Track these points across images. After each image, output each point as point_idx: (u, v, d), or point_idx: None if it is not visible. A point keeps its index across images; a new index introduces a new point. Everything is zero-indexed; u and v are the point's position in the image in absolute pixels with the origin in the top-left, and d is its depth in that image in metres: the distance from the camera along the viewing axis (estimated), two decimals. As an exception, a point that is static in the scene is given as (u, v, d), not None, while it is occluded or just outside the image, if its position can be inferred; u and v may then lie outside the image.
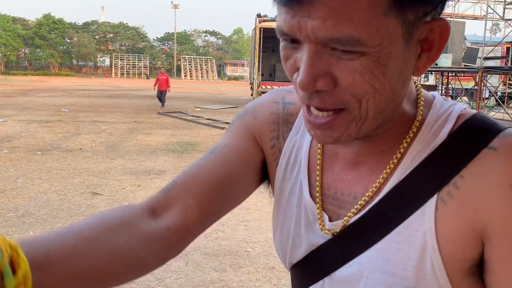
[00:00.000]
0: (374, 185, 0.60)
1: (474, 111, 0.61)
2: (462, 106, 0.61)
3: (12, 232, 4.24)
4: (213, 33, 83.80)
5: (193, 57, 69.90)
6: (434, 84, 16.98)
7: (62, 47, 65.52)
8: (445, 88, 15.97)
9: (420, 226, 0.56)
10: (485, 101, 18.52)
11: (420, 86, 0.64)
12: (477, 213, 0.53)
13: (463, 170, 0.54)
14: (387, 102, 0.53)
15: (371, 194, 0.60)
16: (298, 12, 0.48)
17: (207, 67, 68.42)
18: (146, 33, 77.05)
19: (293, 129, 0.72)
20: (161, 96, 17.75)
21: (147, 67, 68.00)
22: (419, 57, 0.54)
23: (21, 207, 4.99)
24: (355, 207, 0.61)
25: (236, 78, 70.49)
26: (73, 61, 70.98)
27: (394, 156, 0.60)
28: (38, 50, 63.59)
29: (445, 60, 12.33)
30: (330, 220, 0.64)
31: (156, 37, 79.86)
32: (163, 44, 79.06)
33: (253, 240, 4.25)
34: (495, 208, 0.52)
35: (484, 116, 0.59)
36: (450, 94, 20.28)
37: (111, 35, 72.15)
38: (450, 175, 0.55)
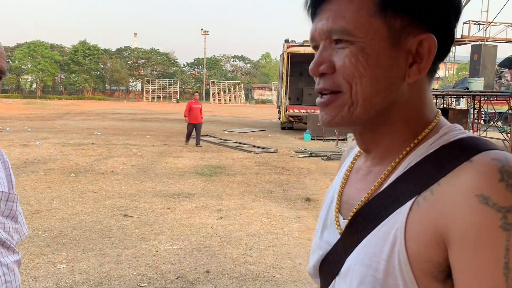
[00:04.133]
0: (370, 189, 0.70)
1: (474, 135, 0.66)
2: (473, 135, 0.66)
3: (46, 252, 4.36)
4: (241, 58, 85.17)
5: (222, 81, 71.04)
6: (466, 108, 16.64)
7: (96, 72, 67.87)
8: (477, 112, 15.62)
9: (395, 224, 0.62)
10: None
11: (440, 116, 0.71)
12: (442, 217, 0.57)
13: (441, 179, 0.60)
14: (374, 91, 0.65)
15: (368, 196, 0.69)
16: (315, 20, 0.69)
17: (235, 91, 69.29)
18: (176, 59, 79.06)
19: (346, 152, 0.89)
20: (194, 130, 13.60)
21: (177, 91, 69.47)
22: (411, 65, 0.65)
23: (56, 228, 5.14)
24: (355, 208, 0.70)
25: (263, 102, 71.00)
26: (106, 85, 73.32)
27: (390, 165, 0.69)
28: (73, 75, 66.09)
29: (476, 84, 12.10)
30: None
31: (186, 63, 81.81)
32: (193, 69, 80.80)
33: (281, 265, 4.22)
34: (459, 214, 0.55)
35: (479, 139, 0.64)
36: (483, 118, 19.79)
37: (143, 60, 74.34)
38: (430, 182, 0.60)
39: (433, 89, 13.20)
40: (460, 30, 14.99)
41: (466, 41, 15.05)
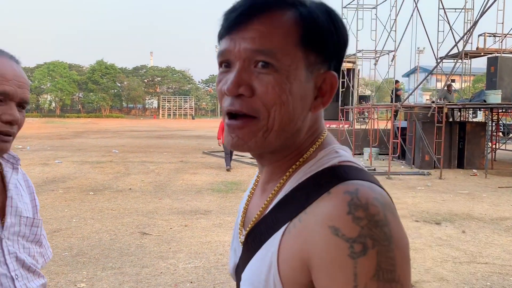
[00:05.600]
0: (261, 208, 0.75)
1: (353, 163, 0.71)
2: (345, 158, 0.71)
3: (67, 271, 4.41)
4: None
5: (236, 98, 71.45)
6: (484, 121, 16.42)
7: (113, 90, 68.99)
8: (495, 124, 15.39)
9: (271, 247, 0.67)
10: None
11: (326, 133, 0.77)
12: (305, 244, 0.62)
13: (308, 207, 0.65)
14: (289, 119, 0.68)
15: (260, 214, 0.74)
16: (236, 35, 0.67)
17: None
18: (191, 76, 79.97)
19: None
20: (231, 151, 11.65)
21: (192, 108, 70.13)
22: (316, 99, 0.71)
23: (75, 247, 5.20)
24: (249, 226, 0.76)
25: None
26: (123, 103, 74.37)
27: (277, 185, 0.74)
28: (91, 94, 67.27)
29: (494, 96, 11.94)
30: None
31: (201, 79, 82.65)
32: (208, 86, 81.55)
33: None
34: (317, 243, 0.61)
35: (345, 167, 0.68)
36: (501, 130, 19.46)
37: (159, 78, 75.38)
38: (300, 209, 0.66)
39: (449, 102, 12.92)
40: (475, 42, 14.88)
41: (482, 54, 14.91)
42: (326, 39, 0.69)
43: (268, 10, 0.67)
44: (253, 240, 0.73)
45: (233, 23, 0.68)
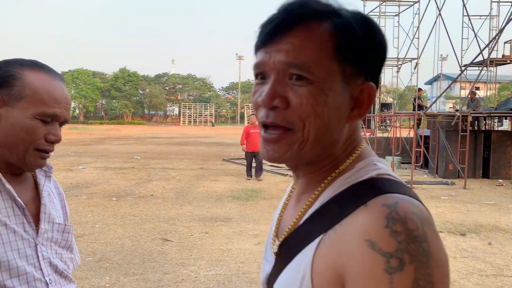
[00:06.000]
0: (295, 219, 0.75)
1: (392, 176, 0.69)
2: (384, 171, 0.70)
3: (90, 276, 4.47)
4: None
5: (257, 105, 71.66)
6: (510, 130, 16.03)
7: (135, 98, 70.06)
8: (522, 133, 15.00)
9: (305, 259, 0.67)
10: None
11: (364, 145, 0.76)
12: (340, 257, 0.62)
13: (344, 219, 0.64)
14: (324, 130, 0.68)
15: (293, 225, 0.74)
16: (271, 48, 0.68)
17: (270, 114, 69.47)
18: (212, 83, 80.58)
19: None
20: (254, 158, 11.23)
21: (212, 115, 70.60)
22: (352, 110, 0.71)
23: (98, 252, 5.27)
24: (282, 236, 0.75)
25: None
26: (145, 110, 75.41)
27: (312, 196, 0.73)
28: (114, 101, 68.48)
29: (521, 104, 11.69)
30: None
31: (222, 87, 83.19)
32: (228, 93, 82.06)
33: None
34: (352, 256, 0.60)
35: (383, 179, 0.67)
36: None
37: (180, 86, 76.22)
38: (336, 221, 0.65)
39: (473, 110, 12.64)
40: (501, 50, 14.58)
41: (508, 61, 14.60)
42: (362, 50, 0.69)
43: (303, 23, 0.67)
44: (286, 251, 0.72)
45: (268, 36, 0.68)
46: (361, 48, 0.69)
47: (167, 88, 75.82)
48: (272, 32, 0.68)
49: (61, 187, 1.46)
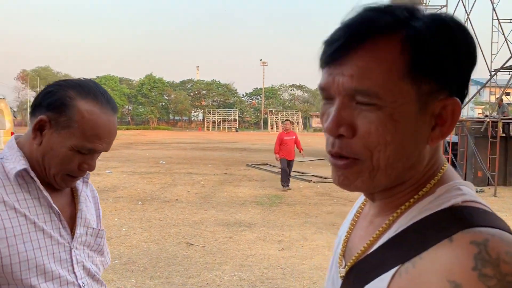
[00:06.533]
0: (366, 243, 0.69)
1: (479, 203, 0.62)
2: (470, 198, 0.63)
3: (116, 279, 4.55)
4: (299, 87, 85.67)
5: (280, 110, 71.69)
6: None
7: (161, 103, 71.18)
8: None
9: (380, 286, 0.60)
10: None
11: (447, 166, 0.69)
12: None
13: (424, 252, 0.57)
14: (397, 157, 0.62)
15: (364, 250, 0.69)
16: (334, 70, 0.62)
17: (293, 120, 69.57)
18: (236, 89, 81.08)
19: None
20: (288, 168, 10.79)
21: (236, 121, 70.99)
22: (433, 129, 0.63)
23: (125, 255, 5.36)
24: (351, 260, 0.70)
25: (321, 130, 70.31)
26: (170, 116, 76.51)
27: (386, 221, 0.67)
28: (140, 106, 69.72)
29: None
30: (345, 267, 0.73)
31: (245, 93, 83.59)
32: (251, 99, 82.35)
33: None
34: None
35: (468, 208, 0.60)
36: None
37: (205, 92, 76.97)
38: (415, 253, 0.58)
39: (504, 117, 12.31)
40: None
41: (540, 65, 14.18)
42: (441, 63, 0.60)
43: (369, 40, 0.60)
44: (356, 277, 0.67)
45: (331, 57, 0.62)
46: (440, 60, 0.59)
47: (191, 94, 76.69)
48: (335, 53, 0.61)
49: (96, 190, 1.50)
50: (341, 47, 0.61)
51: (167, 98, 72.67)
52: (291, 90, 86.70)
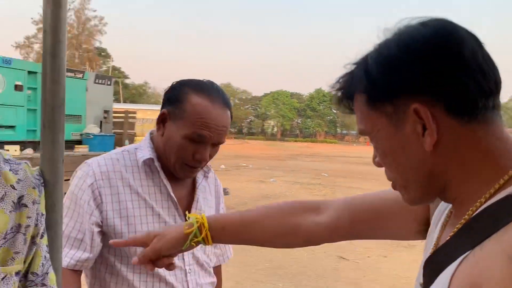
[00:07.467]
0: (447, 239, 0.68)
1: None
2: None
3: (265, 280, 4.74)
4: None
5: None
6: None
7: (328, 117, 72.13)
8: None
9: (443, 278, 0.60)
10: None
11: None
12: (480, 274, 0.54)
13: (494, 234, 0.56)
14: (403, 172, 0.68)
15: (434, 246, 0.72)
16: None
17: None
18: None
19: None
20: None
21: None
22: (424, 135, 0.63)
23: (276, 260, 5.55)
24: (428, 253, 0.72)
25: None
26: (337, 129, 76.80)
27: (459, 222, 0.65)
28: (308, 120, 71.85)
29: None
30: None
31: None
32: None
33: None
34: (492, 273, 0.52)
35: None
36: None
37: (374, 105, 75.27)
38: (485, 236, 0.57)
39: None
40: None
41: None
42: (389, 82, 0.64)
43: (351, 97, 0.72)
44: (430, 271, 0.67)
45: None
46: (388, 81, 0.64)
47: (361, 107, 75.79)
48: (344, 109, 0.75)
49: (220, 183, 1.58)
50: (341, 105, 0.75)
51: (335, 111, 73.18)
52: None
